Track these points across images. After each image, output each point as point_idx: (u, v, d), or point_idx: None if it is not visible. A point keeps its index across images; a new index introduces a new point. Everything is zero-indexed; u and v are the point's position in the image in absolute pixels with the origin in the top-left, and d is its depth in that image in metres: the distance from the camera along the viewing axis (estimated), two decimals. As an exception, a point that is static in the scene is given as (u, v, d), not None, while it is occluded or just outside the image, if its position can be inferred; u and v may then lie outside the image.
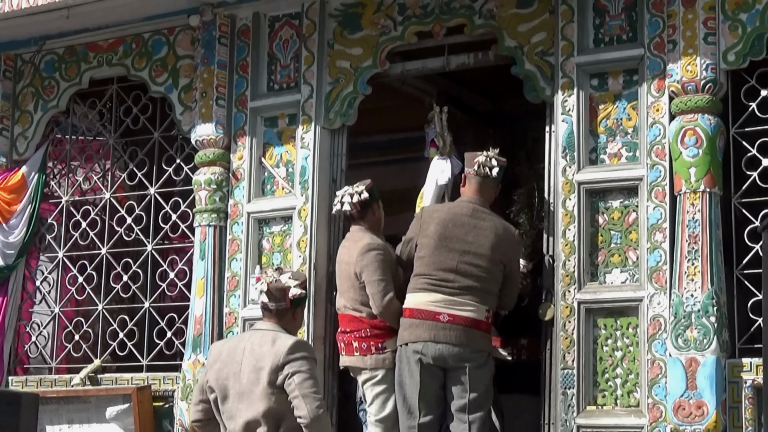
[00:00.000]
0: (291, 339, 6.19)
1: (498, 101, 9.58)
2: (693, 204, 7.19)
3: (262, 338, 6.24)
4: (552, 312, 7.55)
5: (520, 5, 7.96)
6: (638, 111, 7.50)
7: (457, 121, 8.55)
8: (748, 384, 6.96)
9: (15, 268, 9.45)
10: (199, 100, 8.85)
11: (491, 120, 9.91)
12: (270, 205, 8.62)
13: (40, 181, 9.48)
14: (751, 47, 7.23)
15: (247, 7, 8.77)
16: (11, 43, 9.64)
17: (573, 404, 7.37)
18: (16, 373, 9.38)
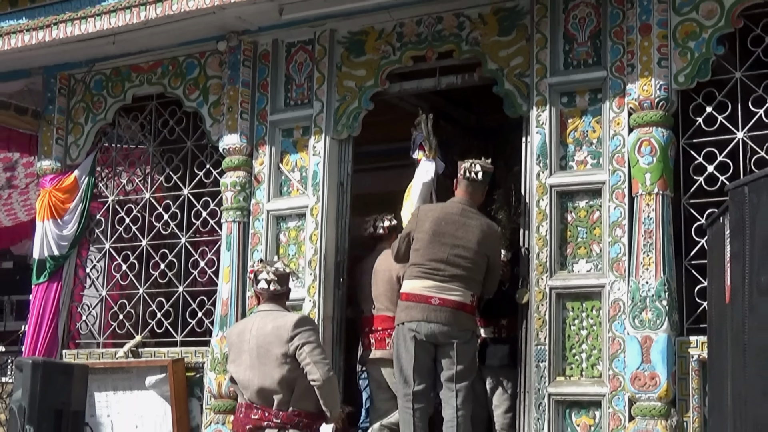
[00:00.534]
0: (295, 315, 6.46)
1: (482, 116, 9.53)
2: (648, 204, 7.14)
3: (264, 319, 6.38)
4: (527, 296, 7.48)
5: (500, 34, 7.89)
6: (601, 124, 7.43)
7: (447, 132, 8.52)
8: (695, 358, 6.88)
9: (68, 258, 9.38)
10: (226, 114, 8.78)
11: (476, 132, 9.85)
12: (286, 204, 8.54)
13: (90, 183, 9.41)
14: (698, 70, 7.17)
15: (267, 35, 8.69)
16: (66, 65, 9.56)
17: (545, 375, 7.31)
18: (69, 347, 9.31)
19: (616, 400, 7.06)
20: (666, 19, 7.29)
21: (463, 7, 8.00)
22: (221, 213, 8.75)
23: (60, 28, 8.76)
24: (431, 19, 8.15)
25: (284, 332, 6.15)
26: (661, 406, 6.90)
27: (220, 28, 8.69)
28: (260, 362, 6.21)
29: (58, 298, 9.35)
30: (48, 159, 9.66)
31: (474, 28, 8.00)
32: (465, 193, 7.47)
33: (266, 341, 6.21)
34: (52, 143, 9.68)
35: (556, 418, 7.26)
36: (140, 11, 8.38)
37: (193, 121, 9.20)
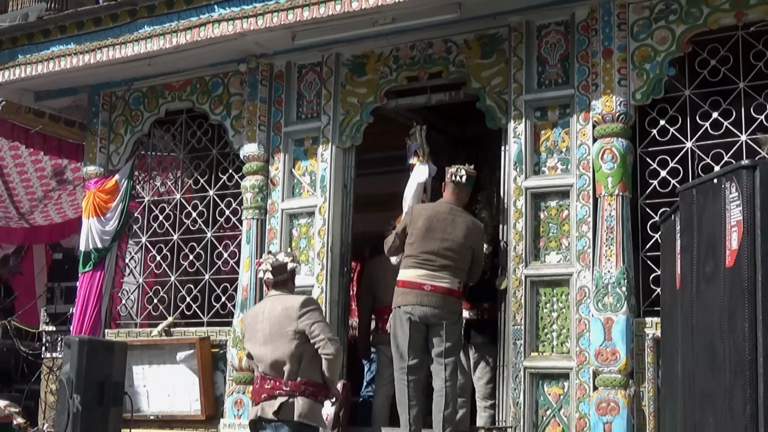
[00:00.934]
0: (301, 297, 6.52)
1: (467, 127, 9.53)
2: (610, 204, 7.14)
3: (274, 302, 6.49)
4: (506, 283, 7.48)
5: (482, 57, 7.88)
6: (570, 135, 7.43)
7: (437, 142, 8.52)
8: (650, 337, 6.90)
9: (110, 250, 9.37)
10: (246, 126, 8.77)
11: (462, 141, 9.85)
12: (298, 204, 8.53)
13: (129, 186, 9.40)
14: (652, 89, 7.17)
15: (282, 58, 8.68)
16: (108, 84, 9.54)
17: (521, 351, 7.31)
18: (111, 327, 9.30)
19: (582, 373, 7.07)
20: (625, 45, 7.30)
21: (451, 34, 7.99)
22: (242, 211, 8.74)
23: (103, 52, 8.77)
24: (423, 45, 8.15)
25: (293, 312, 6.26)
26: (620, 378, 6.91)
27: (241, 52, 8.69)
28: (272, 339, 6.30)
29: (101, 284, 9.35)
30: (93, 165, 9.65)
31: (460, 52, 8.01)
32: (452, 194, 7.48)
33: (277, 321, 6.32)
34: (96, 151, 9.67)
35: (530, 388, 7.27)
36: (172, 37, 8.39)
37: (217, 132, 9.20)
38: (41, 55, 9.15)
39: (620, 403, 6.89)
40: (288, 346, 6.24)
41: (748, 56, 7.00)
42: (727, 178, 3.99)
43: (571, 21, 7.53)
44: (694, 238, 4.33)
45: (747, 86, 6.97)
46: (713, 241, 4.06)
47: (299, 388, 6.19)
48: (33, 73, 9.24)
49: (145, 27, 8.53)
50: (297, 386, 6.20)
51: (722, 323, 3.94)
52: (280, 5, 7.84)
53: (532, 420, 7.24)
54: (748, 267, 3.78)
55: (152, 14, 8.49)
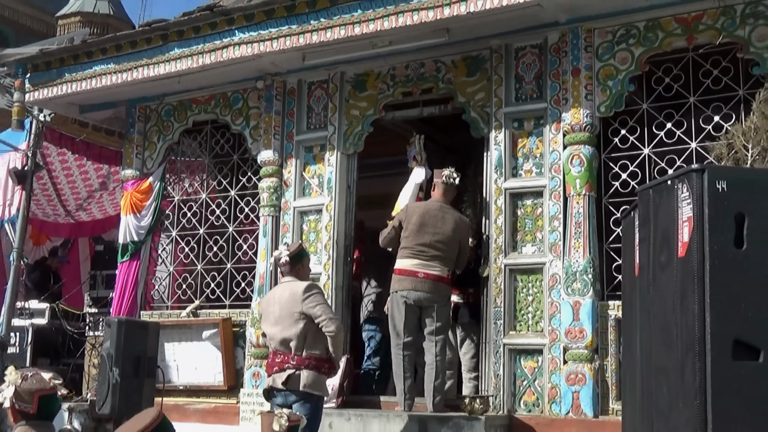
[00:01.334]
0: (304, 282, 6.52)
1: (454, 136, 9.53)
2: (578, 203, 7.15)
3: (284, 288, 6.58)
4: (488, 271, 7.48)
5: (468, 75, 7.87)
6: (543, 143, 7.43)
7: (429, 149, 8.52)
8: (612, 317, 6.93)
9: (144, 242, 9.37)
10: (263, 135, 8.76)
11: (450, 148, 9.86)
12: (308, 203, 8.53)
13: (161, 187, 9.39)
14: (615, 102, 7.18)
15: (294, 76, 8.68)
16: (142, 99, 9.53)
17: (501, 330, 7.32)
18: (145, 309, 9.29)
19: (554, 349, 7.08)
20: (591, 64, 7.31)
21: (440, 56, 8.00)
22: (259, 209, 8.75)
23: (138, 71, 8.77)
24: (416, 64, 8.15)
25: (297, 296, 6.34)
26: (587, 353, 6.93)
27: (258, 71, 8.68)
28: (281, 320, 6.39)
29: (137, 272, 9.35)
30: (130, 168, 9.65)
31: (448, 71, 8.01)
32: (441, 194, 7.50)
33: (285, 304, 6.41)
34: (132, 157, 9.67)
35: (509, 362, 7.28)
36: (199, 58, 8.40)
37: (238, 140, 9.20)
38: (85, 73, 9.16)
39: (587, 374, 6.91)
40: (294, 326, 6.31)
41: (697, 74, 7.02)
42: (679, 180, 3.99)
43: (545, 44, 7.53)
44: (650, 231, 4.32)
45: (696, 100, 6.99)
46: (667, 235, 4.06)
47: (304, 361, 6.25)
48: (78, 89, 9.26)
49: (175, 49, 8.54)
50: (302, 360, 6.25)
51: (675, 305, 3.93)
52: (292, 30, 7.84)
53: (510, 389, 7.25)
54: (698, 257, 3.78)
55: (181, 38, 8.51)
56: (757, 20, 6.72)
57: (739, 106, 6.69)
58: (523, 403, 7.21)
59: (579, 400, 6.90)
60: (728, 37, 6.81)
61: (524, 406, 7.20)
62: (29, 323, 10.02)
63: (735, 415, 3.65)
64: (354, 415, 7.22)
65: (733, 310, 3.72)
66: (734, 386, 3.66)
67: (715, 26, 6.86)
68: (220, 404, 8.47)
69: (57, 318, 10.36)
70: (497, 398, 7.22)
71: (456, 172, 7.59)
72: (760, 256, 3.77)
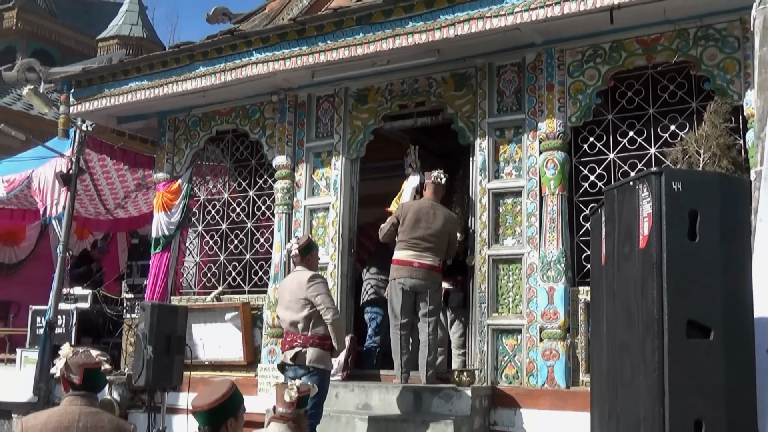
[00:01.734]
0: (309, 273, 6.56)
1: (445, 143, 9.53)
2: (552, 201, 7.15)
3: (294, 276, 6.65)
4: (473, 260, 7.54)
5: (456, 90, 7.85)
6: (522, 149, 7.42)
7: (422, 155, 8.53)
8: (582, 301, 6.93)
9: (174, 236, 9.35)
10: (277, 143, 8.76)
11: (441, 154, 9.85)
12: (317, 201, 8.52)
13: (188, 188, 9.38)
14: (584, 113, 7.18)
15: (304, 91, 8.66)
16: (172, 111, 9.54)
17: (485, 312, 7.32)
18: (175, 295, 9.28)
19: (532, 329, 7.09)
20: (563, 80, 7.31)
21: (432, 73, 7.99)
22: (274, 207, 8.75)
23: (169, 87, 8.77)
24: (411, 81, 8.14)
25: (303, 285, 6.45)
26: (560, 332, 6.94)
27: (273, 87, 8.67)
28: (290, 305, 6.50)
29: (168, 262, 9.35)
30: (161, 172, 9.64)
31: (438, 86, 8.00)
32: (432, 193, 7.50)
33: (294, 291, 6.53)
34: (164, 161, 9.66)
35: (492, 340, 7.29)
36: (221, 75, 8.39)
37: (255, 147, 9.19)
38: (122, 89, 9.15)
39: (560, 351, 6.91)
40: (301, 311, 6.42)
41: (655, 89, 7.03)
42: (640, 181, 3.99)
43: (523, 63, 7.53)
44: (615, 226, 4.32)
45: (655, 112, 6.99)
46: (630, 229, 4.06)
47: (309, 340, 6.34)
48: (116, 103, 9.25)
49: (200, 68, 8.53)
50: (308, 339, 6.34)
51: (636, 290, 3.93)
52: (302, 51, 7.84)
53: (493, 364, 7.26)
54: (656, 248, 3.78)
55: (206, 58, 8.50)
56: (708, 42, 6.74)
57: (692, 116, 6.70)
58: (505, 375, 7.21)
59: (553, 373, 6.91)
60: (682, 57, 6.82)
61: (506, 378, 7.20)
62: (74, 307, 10.02)
63: (688, 386, 3.65)
64: (357, 387, 7.24)
65: (687, 295, 3.72)
66: (688, 361, 3.67)
67: (671, 47, 6.87)
68: (240, 377, 8.45)
69: (98, 302, 10.36)
70: (482, 372, 7.23)
71: (444, 174, 7.59)
72: (710, 248, 3.77)
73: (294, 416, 4.94)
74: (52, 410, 3.87)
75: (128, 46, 16.56)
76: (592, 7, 6.47)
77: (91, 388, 3.88)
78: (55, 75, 9.85)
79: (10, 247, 13.61)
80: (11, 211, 12.25)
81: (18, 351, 9.88)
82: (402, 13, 7.27)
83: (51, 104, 9.96)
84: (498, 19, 6.83)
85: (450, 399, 6.79)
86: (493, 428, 6.99)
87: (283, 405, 4.94)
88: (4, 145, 15.39)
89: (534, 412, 6.85)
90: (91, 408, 3.81)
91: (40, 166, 10.41)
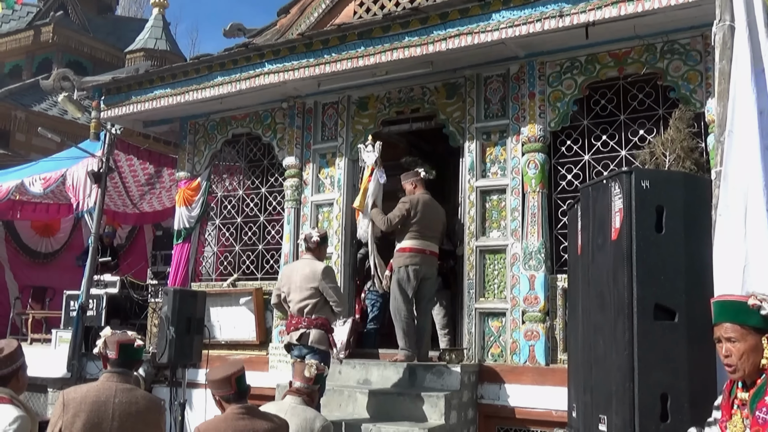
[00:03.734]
0: (323, 264, 6.52)
1: (437, 146, 9.53)
2: (533, 198, 7.15)
3: (305, 263, 6.56)
4: (462, 250, 7.54)
5: (447, 98, 7.84)
6: (506, 151, 7.40)
7: (415, 156, 8.52)
8: (560, 287, 6.92)
9: (194, 229, 9.34)
10: (287, 145, 8.75)
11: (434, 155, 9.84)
12: (322, 198, 8.50)
13: (207, 185, 9.37)
14: (562, 119, 7.17)
15: (311, 98, 8.64)
16: (192, 116, 9.52)
17: (473, 297, 7.32)
18: (195, 281, 9.28)
19: (515, 312, 7.09)
20: (544, 90, 7.30)
21: (425, 83, 7.97)
22: (284, 203, 8.74)
23: (189, 94, 8.74)
24: (407, 90, 8.13)
25: (317, 275, 6.38)
26: (540, 315, 6.94)
27: (283, 94, 8.65)
28: (300, 289, 6.46)
29: (188, 252, 9.34)
30: (183, 171, 9.62)
31: (431, 94, 7.99)
32: (424, 187, 7.42)
33: (306, 277, 6.42)
34: (185, 161, 9.64)
35: (479, 323, 7.29)
36: (237, 84, 8.37)
37: (267, 149, 9.18)
38: (147, 96, 9.13)
39: (540, 332, 6.92)
40: (309, 297, 6.35)
41: (626, 97, 7.03)
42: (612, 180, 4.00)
43: (507, 74, 7.52)
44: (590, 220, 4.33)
45: (626, 118, 6.99)
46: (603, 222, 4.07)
47: (313, 323, 6.32)
48: (142, 108, 9.22)
49: (218, 77, 8.51)
50: (311, 321, 6.32)
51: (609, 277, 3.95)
52: (310, 63, 7.83)
53: (480, 344, 7.26)
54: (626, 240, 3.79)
55: (223, 68, 8.48)
56: (673, 55, 6.75)
57: (659, 122, 6.71)
58: (491, 354, 7.21)
59: (534, 352, 6.92)
60: (650, 69, 6.82)
61: (491, 356, 7.21)
62: (104, 292, 10.01)
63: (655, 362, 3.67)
64: (358, 364, 7.24)
65: (654, 281, 3.74)
66: (654, 340, 3.68)
67: (640, 60, 6.87)
68: (253, 355, 8.48)
69: (126, 288, 10.36)
70: (470, 350, 7.24)
71: (431, 169, 7.57)
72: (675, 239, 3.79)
73: (309, 391, 4.96)
74: (90, 385, 3.87)
75: (153, 57, 16.51)
76: (570, 24, 6.47)
77: (126, 364, 3.89)
78: (88, 84, 9.84)
79: (46, 237, 13.61)
80: (47, 206, 12.24)
81: (53, 332, 9.88)
82: (399, 28, 7.25)
83: (83, 110, 9.93)
84: (485, 35, 6.83)
85: (441, 375, 6.79)
86: (480, 401, 7.00)
87: (302, 380, 4.96)
88: (42, 146, 15.43)
89: (517, 386, 6.86)
90: (126, 385, 3.82)
91: (73, 165, 10.40)
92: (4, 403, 3.56)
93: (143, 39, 17.37)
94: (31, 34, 18.65)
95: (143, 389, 5.70)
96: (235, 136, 9.43)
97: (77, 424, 3.63)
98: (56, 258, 13.56)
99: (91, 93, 9.76)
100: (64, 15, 19.07)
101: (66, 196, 10.83)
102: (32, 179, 10.85)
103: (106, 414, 3.67)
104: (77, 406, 3.67)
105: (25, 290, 12.62)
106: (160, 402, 3.90)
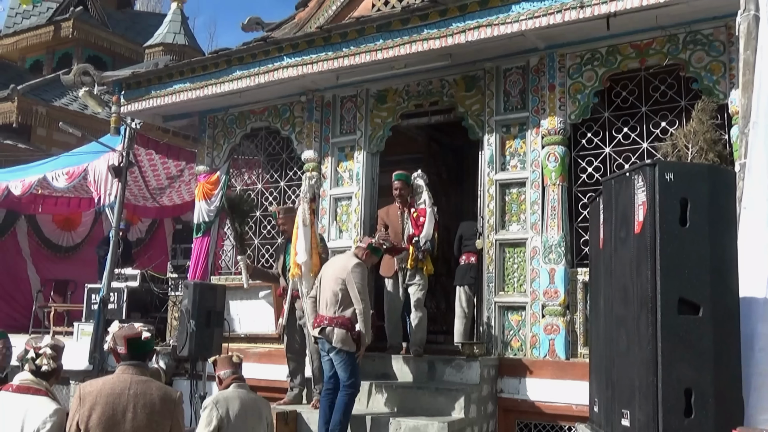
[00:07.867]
0: (356, 259, 6.46)
1: (455, 139, 9.49)
2: (553, 191, 7.12)
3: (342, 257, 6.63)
4: (482, 244, 7.51)
5: (466, 90, 7.83)
6: (526, 144, 7.39)
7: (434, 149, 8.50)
8: (580, 281, 6.90)
9: (214, 222, 9.38)
10: (306, 139, 8.76)
11: (453, 148, 9.81)
12: (341, 191, 8.51)
13: (226, 179, 9.37)
14: (582, 111, 7.14)
15: (330, 92, 8.64)
16: (212, 110, 9.53)
17: (492, 290, 7.31)
18: (215, 275, 9.31)
19: (535, 306, 7.06)
20: (564, 81, 7.26)
21: (444, 75, 7.96)
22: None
23: (209, 89, 8.77)
24: (425, 82, 8.11)
25: (348, 267, 6.34)
26: (560, 309, 6.91)
27: (302, 88, 8.66)
28: (329, 280, 6.41)
29: (208, 245, 9.37)
30: (202, 165, 9.65)
31: (450, 87, 7.97)
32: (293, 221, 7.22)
33: (336, 269, 6.40)
34: (204, 155, 9.68)
35: (499, 316, 7.27)
36: (255, 78, 8.39)
37: (286, 142, 9.19)
38: (167, 90, 9.16)
39: (560, 326, 6.89)
40: (335, 290, 6.29)
41: (648, 89, 6.96)
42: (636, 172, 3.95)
43: (527, 66, 7.47)
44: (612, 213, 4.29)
45: (647, 110, 6.93)
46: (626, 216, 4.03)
47: (334, 320, 6.25)
48: (161, 103, 9.26)
49: (236, 71, 8.52)
50: (333, 320, 6.26)
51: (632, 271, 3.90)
52: (328, 56, 7.82)
53: (500, 337, 7.24)
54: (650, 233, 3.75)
55: (241, 63, 8.49)
56: (696, 46, 6.67)
57: (681, 114, 6.65)
58: (510, 348, 7.19)
59: (554, 346, 6.89)
60: (672, 60, 6.75)
61: (511, 350, 7.19)
62: (125, 285, 10.08)
63: (678, 356, 3.63)
64: (378, 357, 7.25)
65: (678, 275, 3.69)
66: (678, 334, 3.64)
67: (663, 51, 6.80)
68: (272, 348, 8.51)
69: (146, 281, 10.42)
70: (490, 344, 7.22)
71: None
72: (699, 232, 3.74)
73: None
74: (106, 378, 3.89)
75: (172, 52, 16.56)
76: (590, 15, 6.42)
77: (138, 356, 3.90)
78: (108, 78, 9.89)
79: (68, 231, 13.71)
80: (69, 200, 12.34)
81: (75, 324, 9.96)
82: (418, 21, 7.23)
83: (104, 104, 9.97)
84: (505, 27, 6.79)
85: (461, 369, 6.78)
86: (500, 395, 6.98)
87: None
88: (63, 141, 15.55)
89: (537, 380, 6.84)
90: (141, 377, 3.82)
91: (94, 159, 10.45)
92: (41, 395, 3.93)
93: (162, 33, 17.44)
94: (51, 29, 18.78)
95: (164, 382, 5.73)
96: (254, 129, 9.44)
97: (93, 417, 3.65)
98: (78, 251, 13.67)
99: (111, 88, 9.81)
100: (83, 10, 19.20)
101: (87, 190, 10.90)
102: (55, 174, 10.92)
103: (122, 406, 3.68)
104: (93, 399, 3.69)
105: (47, 283, 12.72)
106: (176, 393, 3.90)
